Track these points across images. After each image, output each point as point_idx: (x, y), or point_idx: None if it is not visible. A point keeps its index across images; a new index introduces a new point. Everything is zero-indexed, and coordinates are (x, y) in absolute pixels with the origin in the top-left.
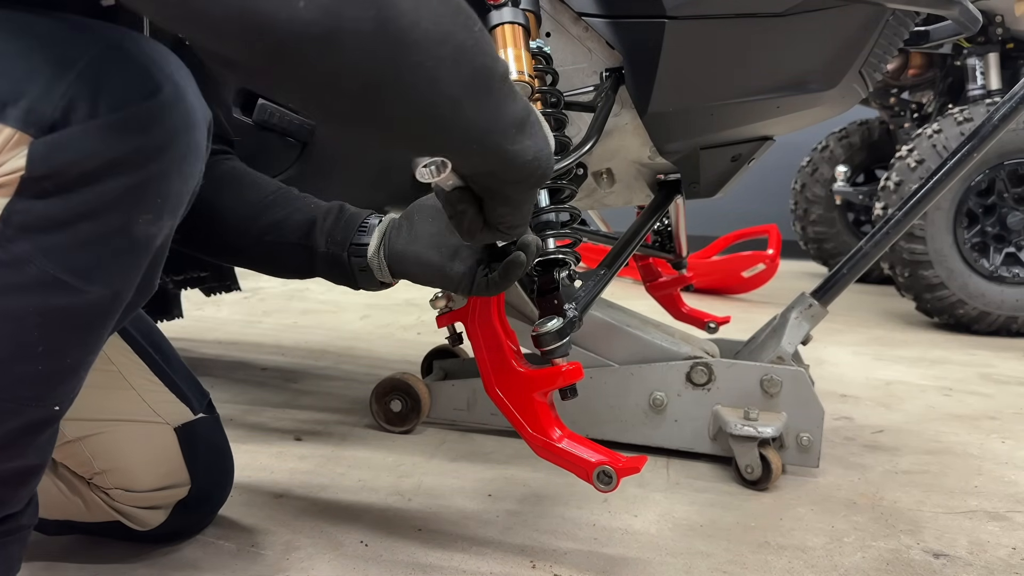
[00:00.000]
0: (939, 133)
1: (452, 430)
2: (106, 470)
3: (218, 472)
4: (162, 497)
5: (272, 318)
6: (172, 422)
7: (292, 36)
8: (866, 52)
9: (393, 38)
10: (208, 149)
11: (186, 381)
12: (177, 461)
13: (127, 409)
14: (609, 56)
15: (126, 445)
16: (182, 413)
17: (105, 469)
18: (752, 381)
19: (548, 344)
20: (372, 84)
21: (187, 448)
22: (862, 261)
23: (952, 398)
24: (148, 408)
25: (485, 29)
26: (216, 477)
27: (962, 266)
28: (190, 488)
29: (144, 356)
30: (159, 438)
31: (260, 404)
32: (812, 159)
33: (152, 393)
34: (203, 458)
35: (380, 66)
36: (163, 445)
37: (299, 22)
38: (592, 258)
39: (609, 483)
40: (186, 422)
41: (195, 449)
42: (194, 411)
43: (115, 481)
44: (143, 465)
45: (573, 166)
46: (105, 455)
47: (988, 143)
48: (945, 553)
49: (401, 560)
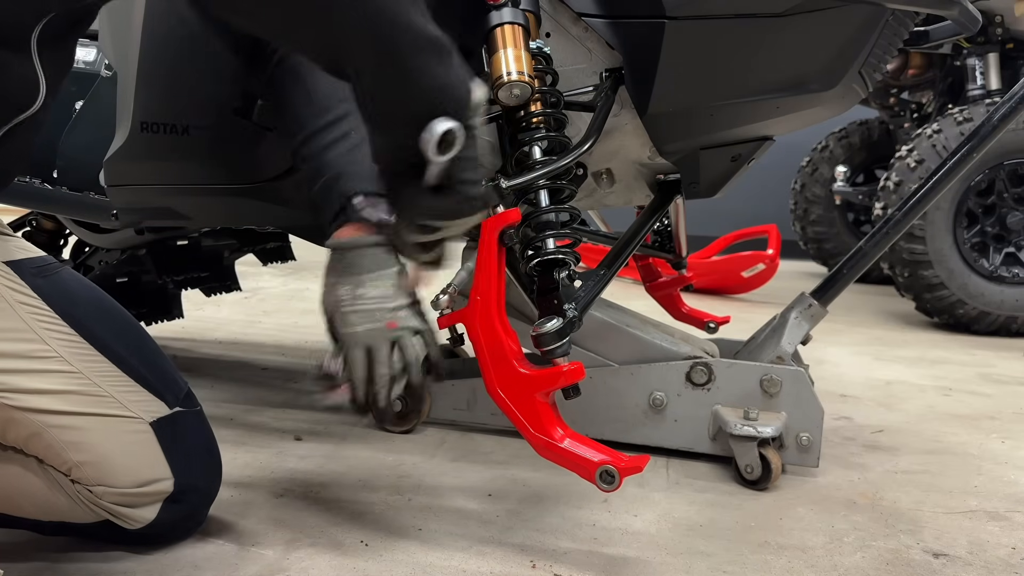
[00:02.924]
0: (939, 133)
1: (452, 430)
2: (81, 462)
3: (202, 465)
4: (145, 493)
5: (272, 318)
6: (146, 417)
7: None
8: (866, 52)
9: None
10: None
11: (159, 376)
12: (155, 455)
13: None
14: (609, 56)
15: (98, 437)
16: (156, 408)
17: (80, 461)
18: (752, 381)
19: (548, 344)
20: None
21: (165, 442)
22: (862, 261)
23: (952, 398)
24: (118, 403)
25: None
26: (200, 471)
27: (962, 266)
28: (174, 482)
29: (110, 355)
30: (132, 432)
31: (260, 404)
32: (812, 159)
33: (121, 390)
34: (184, 452)
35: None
36: (137, 439)
37: None
38: (592, 258)
39: (612, 483)
40: (162, 416)
41: (174, 443)
42: (169, 405)
43: (93, 475)
44: (118, 457)
45: (573, 166)
46: (78, 446)
47: (988, 143)
48: (945, 553)
49: (401, 560)
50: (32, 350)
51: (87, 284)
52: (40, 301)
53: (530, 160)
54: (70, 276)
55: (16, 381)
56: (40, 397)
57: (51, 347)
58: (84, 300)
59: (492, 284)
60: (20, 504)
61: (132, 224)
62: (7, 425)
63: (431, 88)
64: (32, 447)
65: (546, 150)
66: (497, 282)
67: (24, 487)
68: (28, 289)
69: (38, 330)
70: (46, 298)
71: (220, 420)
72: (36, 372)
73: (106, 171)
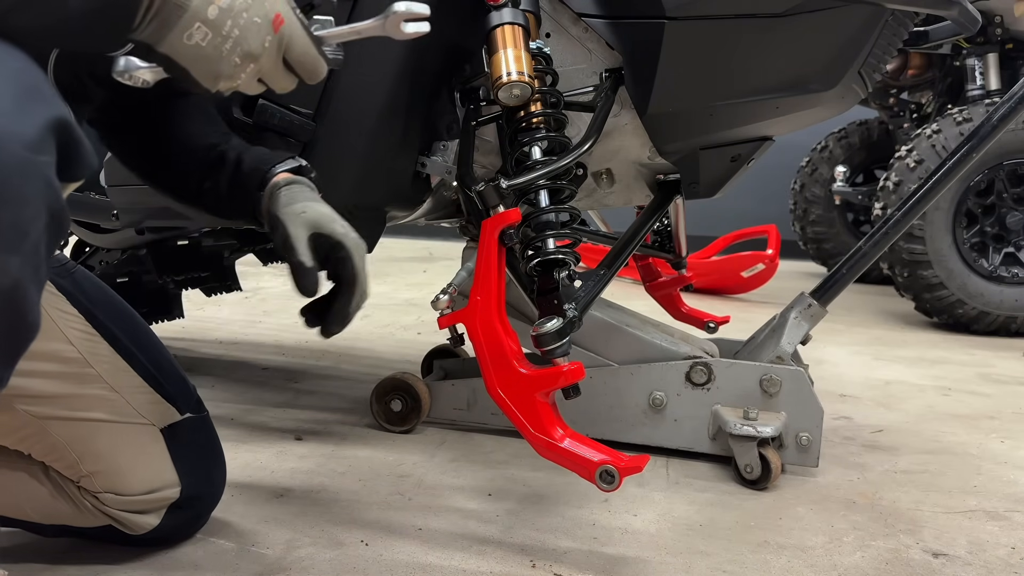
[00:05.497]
0: (938, 133)
1: (452, 430)
2: (93, 472)
3: (208, 472)
4: (152, 500)
5: (272, 318)
6: (158, 423)
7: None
8: (865, 52)
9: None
10: (53, 157)
11: (173, 381)
12: (164, 462)
13: (111, 410)
14: (609, 56)
15: (112, 446)
16: (168, 414)
17: (92, 471)
18: (751, 381)
19: (548, 344)
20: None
21: (174, 449)
22: (861, 261)
23: (951, 398)
24: (132, 409)
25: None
26: (206, 478)
27: (961, 266)
28: (180, 489)
29: (128, 357)
30: (145, 438)
31: (261, 404)
32: (811, 159)
33: (136, 394)
34: (191, 459)
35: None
36: (149, 445)
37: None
38: (592, 258)
39: (612, 482)
40: (173, 422)
41: (182, 450)
42: (180, 411)
43: (103, 484)
44: (130, 466)
45: (573, 166)
46: (92, 456)
47: (987, 143)
48: (944, 552)
49: (401, 560)
50: (58, 351)
51: (101, 284)
52: (65, 301)
53: (530, 160)
54: (84, 276)
55: (34, 385)
56: (56, 404)
57: (76, 348)
58: (101, 301)
59: (492, 284)
60: (23, 509)
61: (132, 224)
62: (18, 429)
63: None
64: (40, 452)
65: (546, 150)
66: (497, 282)
67: (28, 493)
68: (53, 288)
69: (65, 330)
70: (69, 297)
71: (220, 420)
72: (59, 377)
73: (106, 171)
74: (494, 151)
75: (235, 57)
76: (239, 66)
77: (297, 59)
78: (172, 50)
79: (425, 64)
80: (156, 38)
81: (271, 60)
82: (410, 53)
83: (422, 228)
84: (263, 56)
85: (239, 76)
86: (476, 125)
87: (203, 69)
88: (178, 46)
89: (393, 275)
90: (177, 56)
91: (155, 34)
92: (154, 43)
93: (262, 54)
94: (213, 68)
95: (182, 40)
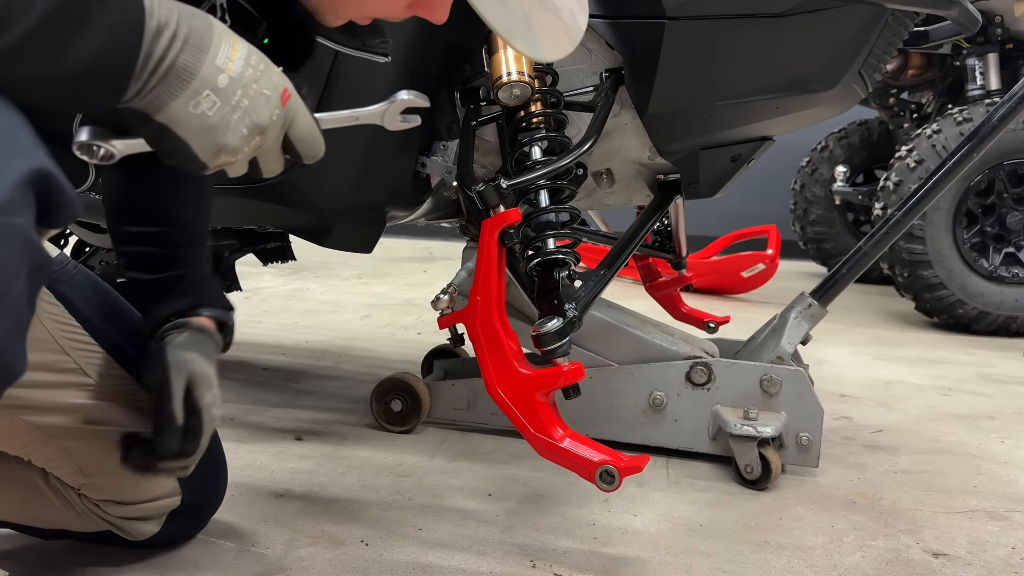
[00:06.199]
0: (938, 133)
1: (452, 430)
2: (95, 481)
3: (209, 479)
4: (153, 508)
5: (272, 318)
6: None
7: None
8: (866, 52)
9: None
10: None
11: None
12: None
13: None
14: (609, 56)
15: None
16: None
17: (94, 480)
18: (752, 381)
19: (548, 344)
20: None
21: None
22: (861, 261)
23: (951, 398)
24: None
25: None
26: (207, 484)
27: (961, 266)
28: (181, 497)
29: (127, 365)
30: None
31: (261, 404)
32: (812, 159)
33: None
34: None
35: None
36: None
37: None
38: (592, 258)
39: (612, 482)
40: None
41: None
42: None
43: (105, 492)
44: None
45: (573, 166)
46: (90, 465)
47: (987, 143)
48: (944, 552)
49: (401, 560)
50: (55, 361)
51: (100, 286)
52: (63, 310)
53: (530, 160)
54: (84, 278)
55: (35, 396)
56: (57, 415)
57: (72, 358)
58: (101, 306)
59: (492, 284)
60: (24, 515)
61: None
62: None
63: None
64: (41, 460)
65: (546, 150)
66: (497, 282)
67: (29, 499)
68: (52, 296)
69: (61, 340)
70: (67, 304)
71: (220, 420)
72: (56, 387)
73: None
74: (494, 151)
75: (243, 128)
76: (246, 138)
77: (300, 136)
78: (173, 119)
79: (425, 64)
80: (156, 106)
81: (275, 135)
82: (410, 53)
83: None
84: (270, 130)
85: (243, 149)
86: (476, 125)
87: (206, 141)
88: (181, 115)
89: (393, 275)
90: (178, 126)
91: (155, 101)
92: (152, 111)
93: (270, 127)
94: (218, 140)
95: (187, 109)
